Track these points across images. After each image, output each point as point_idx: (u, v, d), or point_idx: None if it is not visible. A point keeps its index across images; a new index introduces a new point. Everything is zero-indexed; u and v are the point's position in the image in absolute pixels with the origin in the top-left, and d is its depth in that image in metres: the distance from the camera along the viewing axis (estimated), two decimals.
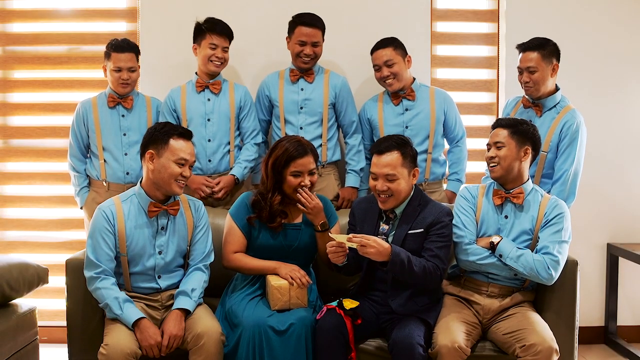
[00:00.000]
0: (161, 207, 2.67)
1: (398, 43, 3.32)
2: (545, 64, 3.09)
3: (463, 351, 2.48)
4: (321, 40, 3.35)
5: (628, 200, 3.84)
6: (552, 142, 3.10)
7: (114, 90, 3.31)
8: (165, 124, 2.72)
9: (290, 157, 2.73)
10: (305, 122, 3.39)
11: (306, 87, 3.40)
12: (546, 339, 2.49)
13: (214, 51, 3.29)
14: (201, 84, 3.36)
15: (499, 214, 2.77)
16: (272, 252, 2.79)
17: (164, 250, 2.69)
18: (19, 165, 3.89)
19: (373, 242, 2.53)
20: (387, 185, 2.68)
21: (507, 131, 2.74)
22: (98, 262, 2.58)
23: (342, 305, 2.60)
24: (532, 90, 3.13)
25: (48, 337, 3.70)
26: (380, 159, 2.69)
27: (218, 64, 3.32)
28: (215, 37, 3.28)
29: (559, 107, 3.15)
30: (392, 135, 2.81)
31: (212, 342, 2.51)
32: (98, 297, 2.58)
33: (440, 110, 3.39)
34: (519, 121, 2.79)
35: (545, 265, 2.61)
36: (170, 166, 2.61)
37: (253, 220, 2.79)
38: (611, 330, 3.82)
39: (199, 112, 3.34)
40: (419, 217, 2.71)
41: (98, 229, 2.62)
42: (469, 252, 2.71)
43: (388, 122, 3.38)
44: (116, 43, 3.26)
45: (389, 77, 3.30)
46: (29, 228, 3.88)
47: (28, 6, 3.82)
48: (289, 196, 2.78)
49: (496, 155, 2.73)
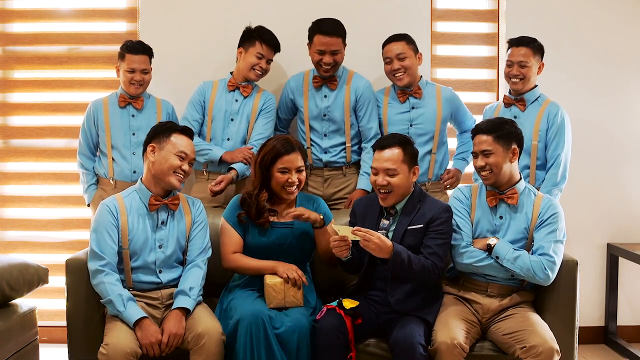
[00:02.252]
0: (162, 200, 2.71)
1: (411, 39, 3.34)
2: (534, 60, 3.23)
3: (462, 348, 2.49)
4: (342, 48, 3.30)
5: (628, 200, 3.84)
6: (541, 131, 3.21)
7: (126, 91, 3.33)
8: (167, 122, 2.81)
9: (277, 154, 2.75)
10: (329, 129, 3.39)
11: (329, 95, 3.39)
12: (547, 340, 2.49)
13: (259, 61, 3.29)
14: (233, 84, 3.37)
15: (494, 214, 2.78)
16: (264, 251, 2.80)
17: (164, 244, 2.71)
18: (19, 165, 3.89)
19: (377, 238, 2.54)
20: (387, 180, 2.69)
21: (490, 137, 2.71)
22: (102, 254, 2.59)
23: (342, 305, 2.60)
24: (519, 84, 3.24)
25: (48, 337, 3.70)
26: (382, 154, 2.72)
27: (259, 74, 3.33)
28: (265, 47, 3.29)
29: (540, 100, 3.29)
30: (395, 134, 2.83)
31: (213, 342, 2.51)
32: (101, 291, 2.58)
33: (447, 111, 3.39)
34: (498, 123, 2.76)
35: (542, 266, 2.61)
36: (170, 158, 2.66)
37: (242, 217, 2.81)
38: (611, 330, 3.82)
39: (224, 110, 3.36)
40: (419, 213, 2.73)
41: (102, 223, 2.64)
42: (465, 255, 2.72)
43: (393, 119, 3.38)
44: (131, 45, 3.29)
45: (400, 71, 3.29)
46: (29, 228, 3.88)
47: (28, 6, 3.82)
48: (278, 194, 2.80)
49: (486, 164, 2.72)
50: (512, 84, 3.26)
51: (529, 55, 3.20)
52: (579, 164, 3.69)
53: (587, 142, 3.76)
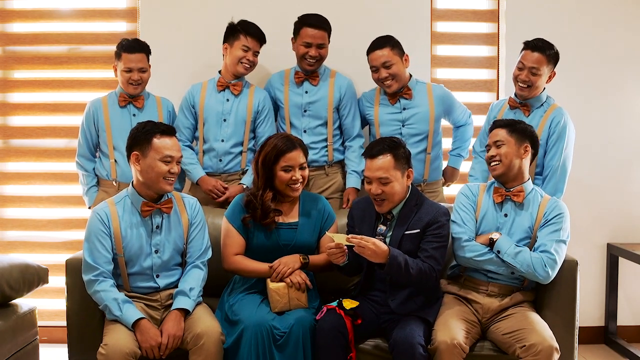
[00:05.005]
0: (154, 206, 2.66)
1: (394, 42, 3.26)
2: (547, 69, 3.11)
3: (462, 348, 2.49)
4: (327, 42, 3.32)
5: (628, 200, 3.84)
6: (542, 139, 3.10)
7: (125, 90, 3.29)
8: (146, 124, 2.68)
9: (280, 152, 2.73)
10: (309, 125, 3.38)
11: (310, 90, 3.39)
12: (546, 338, 2.49)
13: (245, 53, 3.27)
14: (222, 83, 3.34)
15: (499, 212, 2.78)
16: (268, 252, 2.79)
17: (161, 249, 2.68)
18: (19, 165, 3.88)
19: (371, 244, 2.53)
20: (381, 189, 2.68)
21: (505, 130, 2.77)
22: (95, 265, 2.57)
23: (342, 305, 2.60)
24: (526, 91, 3.13)
25: (48, 337, 3.70)
26: (373, 163, 2.69)
27: (247, 67, 3.30)
28: (250, 39, 3.27)
29: (545, 106, 3.18)
30: (384, 138, 2.79)
31: (212, 342, 2.50)
32: (97, 299, 2.58)
33: (440, 109, 3.36)
34: (516, 121, 2.85)
35: (543, 264, 2.62)
36: (156, 165, 2.60)
37: (247, 220, 2.78)
38: (611, 330, 3.82)
39: (216, 111, 3.33)
40: (416, 218, 2.71)
41: (94, 232, 2.61)
42: (467, 248, 2.71)
43: (384, 121, 3.36)
44: (127, 43, 3.24)
45: (387, 79, 3.26)
46: (29, 228, 3.88)
47: (28, 6, 3.81)
48: (282, 192, 2.79)
49: (497, 154, 2.74)
50: (518, 88, 3.15)
51: (542, 63, 3.07)
52: (579, 164, 3.68)
53: (587, 143, 3.76)
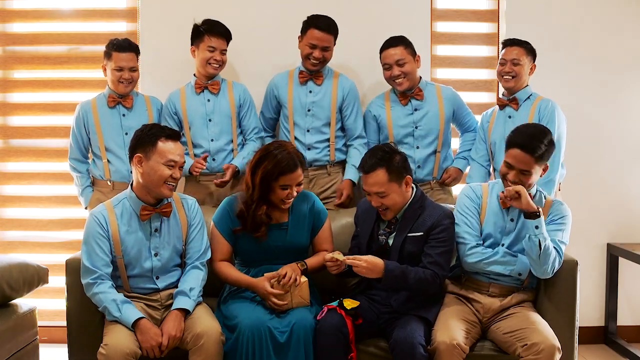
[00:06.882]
0: (153, 210, 2.65)
1: (408, 42, 3.33)
2: (527, 60, 3.26)
3: (461, 349, 2.49)
4: (332, 45, 3.33)
5: (628, 200, 3.84)
6: None
7: (114, 90, 3.30)
8: (152, 126, 2.67)
9: (282, 172, 2.69)
10: (312, 124, 3.39)
11: (314, 90, 3.40)
12: (548, 337, 2.49)
13: (212, 54, 3.29)
14: (200, 85, 3.36)
15: (505, 216, 2.77)
16: (259, 254, 2.79)
17: (160, 252, 2.68)
18: (19, 165, 3.88)
19: (364, 262, 2.56)
20: (380, 201, 2.69)
21: (532, 159, 2.61)
22: (94, 268, 2.57)
23: (342, 305, 2.60)
24: (512, 81, 3.25)
25: (48, 337, 3.69)
26: (367, 178, 2.68)
27: (216, 67, 3.32)
28: (214, 39, 3.27)
29: (532, 98, 3.29)
30: (376, 149, 2.74)
31: (212, 342, 2.50)
32: (96, 301, 2.58)
33: (449, 109, 3.41)
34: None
35: (559, 258, 2.64)
36: (159, 169, 2.58)
37: (238, 232, 2.78)
38: (611, 330, 3.82)
39: (199, 113, 3.35)
40: (419, 220, 2.71)
41: (92, 235, 2.61)
42: (473, 255, 2.72)
43: (397, 123, 3.38)
44: (117, 43, 3.25)
45: (400, 77, 3.29)
46: (29, 228, 3.88)
47: (28, 6, 3.81)
48: (274, 204, 2.77)
49: (520, 180, 2.63)
50: (504, 81, 3.28)
51: (521, 54, 3.23)
52: (578, 164, 3.69)
53: (587, 142, 3.76)
